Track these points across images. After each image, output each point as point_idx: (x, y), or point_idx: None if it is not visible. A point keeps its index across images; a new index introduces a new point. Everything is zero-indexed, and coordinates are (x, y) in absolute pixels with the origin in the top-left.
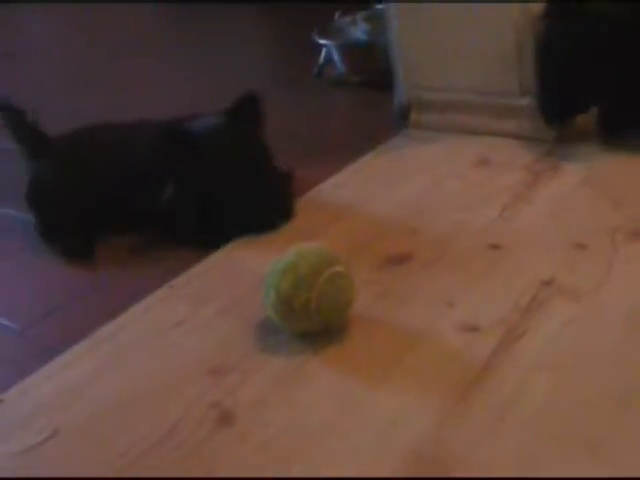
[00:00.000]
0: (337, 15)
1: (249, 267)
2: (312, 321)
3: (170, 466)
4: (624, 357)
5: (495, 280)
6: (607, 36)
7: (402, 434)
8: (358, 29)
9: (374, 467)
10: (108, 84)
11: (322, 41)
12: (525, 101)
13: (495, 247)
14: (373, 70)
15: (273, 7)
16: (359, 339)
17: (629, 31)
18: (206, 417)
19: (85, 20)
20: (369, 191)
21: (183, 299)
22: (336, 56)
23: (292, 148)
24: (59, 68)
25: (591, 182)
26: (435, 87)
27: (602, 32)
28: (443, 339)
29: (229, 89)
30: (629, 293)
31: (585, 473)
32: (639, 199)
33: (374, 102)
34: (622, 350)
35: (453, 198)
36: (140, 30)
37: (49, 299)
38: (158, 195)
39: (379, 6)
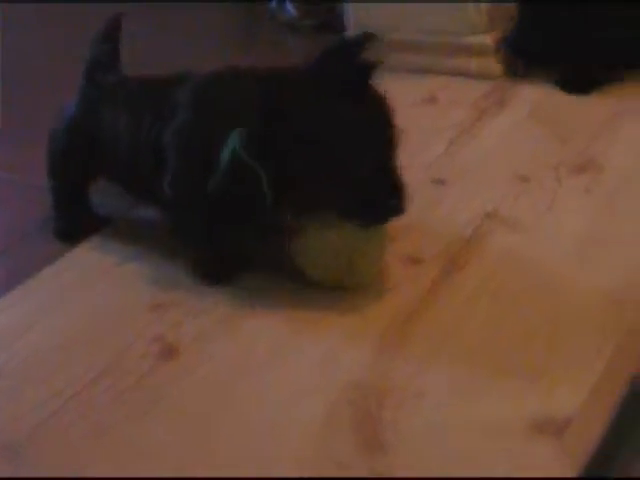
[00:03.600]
0: None
1: None
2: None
3: (112, 400)
4: (564, 287)
5: (438, 214)
6: None
7: (342, 363)
8: None
9: (315, 395)
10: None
11: None
12: (475, 39)
13: (440, 182)
14: (326, 13)
15: None
16: (300, 275)
17: None
18: (149, 351)
19: None
20: None
21: (128, 238)
22: (291, 9)
23: None
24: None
25: (537, 118)
26: (384, 27)
27: None
28: (386, 271)
29: (181, 38)
30: (570, 224)
31: (521, 401)
32: (583, 135)
33: (326, 45)
34: (561, 279)
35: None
36: None
37: None
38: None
39: None
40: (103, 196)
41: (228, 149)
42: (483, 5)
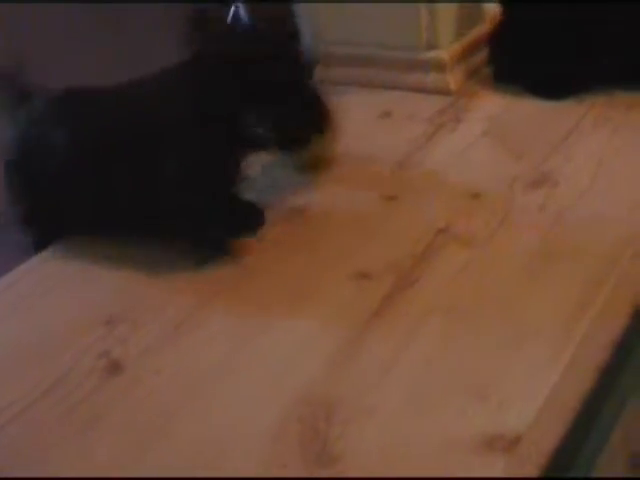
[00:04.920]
0: None
1: None
2: None
3: (57, 417)
4: (516, 302)
5: (390, 230)
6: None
7: (292, 379)
8: None
9: (263, 409)
10: None
11: None
12: (431, 54)
13: (391, 198)
14: (281, 26)
15: None
16: (251, 286)
17: None
18: (95, 367)
19: None
20: None
21: (85, 249)
22: (244, 13)
23: None
24: None
25: (493, 134)
26: (340, 41)
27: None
28: (336, 287)
29: (136, 51)
30: (524, 240)
31: (471, 417)
32: (539, 150)
33: None
34: (515, 295)
35: (353, 150)
36: None
37: None
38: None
39: None
40: None
41: None
42: (439, 20)
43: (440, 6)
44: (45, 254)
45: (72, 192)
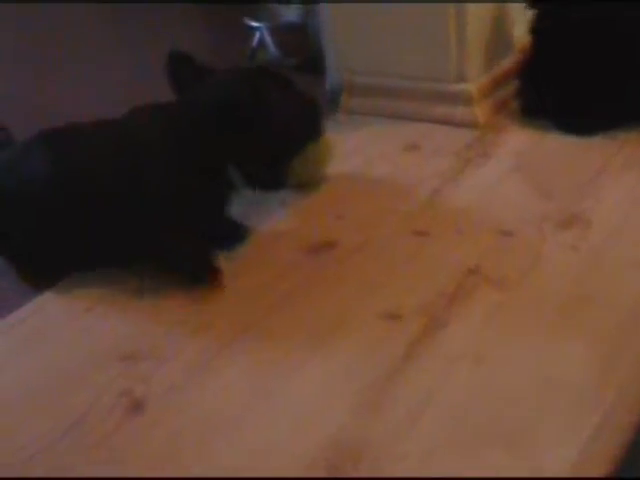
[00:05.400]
0: None
1: None
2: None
3: (76, 458)
4: (547, 348)
5: (419, 268)
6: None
7: (319, 422)
8: (291, 11)
9: (289, 457)
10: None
11: (254, 24)
12: (459, 87)
13: (421, 234)
14: (307, 53)
15: None
16: (278, 324)
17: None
18: (116, 405)
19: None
20: None
21: (96, 284)
22: (269, 39)
23: None
24: None
25: (521, 170)
26: (367, 71)
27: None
28: (364, 327)
29: (160, 76)
30: (554, 283)
31: (502, 467)
32: (568, 189)
33: (306, 86)
34: (545, 340)
35: (381, 183)
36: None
37: None
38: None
39: None
40: None
41: None
42: (468, 53)
43: (470, 38)
44: (49, 293)
45: (53, 235)
